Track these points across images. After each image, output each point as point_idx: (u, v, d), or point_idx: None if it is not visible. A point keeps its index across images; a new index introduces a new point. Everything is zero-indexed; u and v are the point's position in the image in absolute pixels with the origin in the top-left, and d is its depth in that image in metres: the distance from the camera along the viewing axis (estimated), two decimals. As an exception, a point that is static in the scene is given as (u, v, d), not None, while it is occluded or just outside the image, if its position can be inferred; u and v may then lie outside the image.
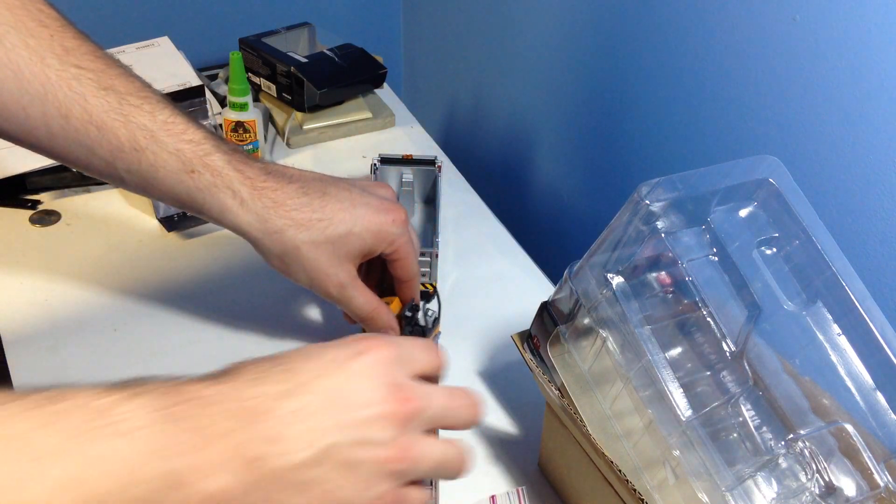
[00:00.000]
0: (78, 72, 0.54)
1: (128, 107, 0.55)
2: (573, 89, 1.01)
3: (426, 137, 1.04)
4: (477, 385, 0.70)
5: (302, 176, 0.60)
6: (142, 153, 0.56)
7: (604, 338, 0.51)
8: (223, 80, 1.04)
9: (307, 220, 0.58)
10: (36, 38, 0.53)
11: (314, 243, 0.59)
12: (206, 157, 0.57)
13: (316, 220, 0.58)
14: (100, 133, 0.55)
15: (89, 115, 0.54)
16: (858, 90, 0.65)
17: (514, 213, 1.11)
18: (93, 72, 0.55)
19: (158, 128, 0.56)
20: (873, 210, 0.66)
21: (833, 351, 0.49)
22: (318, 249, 0.59)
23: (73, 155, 0.56)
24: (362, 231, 0.60)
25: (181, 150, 0.56)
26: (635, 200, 0.49)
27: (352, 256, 0.61)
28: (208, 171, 0.57)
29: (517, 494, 0.60)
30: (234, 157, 0.58)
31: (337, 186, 0.61)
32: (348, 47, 1.03)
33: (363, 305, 0.62)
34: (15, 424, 0.32)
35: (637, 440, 0.50)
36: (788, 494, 0.47)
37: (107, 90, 0.55)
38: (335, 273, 0.60)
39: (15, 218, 0.85)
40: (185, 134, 0.56)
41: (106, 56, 0.56)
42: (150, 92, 0.57)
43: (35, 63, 0.53)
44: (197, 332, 0.73)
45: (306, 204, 0.58)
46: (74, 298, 0.76)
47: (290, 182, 0.59)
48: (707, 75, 0.79)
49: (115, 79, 0.55)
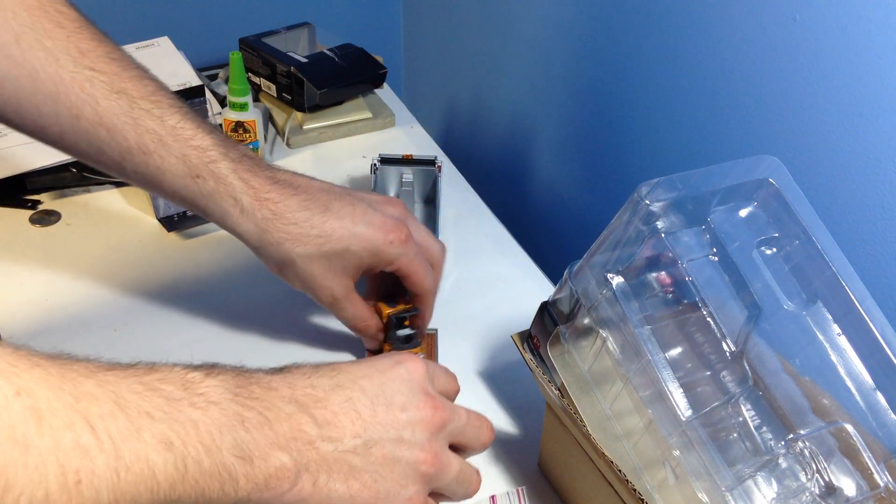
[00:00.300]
0: (91, 74, 0.55)
1: (138, 110, 0.56)
2: (573, 89, 1.01)
3: (426, 137, 1.04)
4: (477, 385, 0.70)
5: (309, 187, 0.61)
6: (149, 156, 0.57)
7: (604, 338, 0.51)
8: (223, 80, 1.04)
9: (304, 236, 0.59)
10: (52, 40, 0.54)
11: (309, 257, 0.60)
12: (211, 163, 0.58)
13: (314, 237, 0.59)
14: (109, 135, 0.56)
15: (100, 117, 0.55)
16: (858, 90, 0.65)
17: (514, 213, 1.12)
18: (106, 74, 0.56)
19: (167, 132, 0.57)
20: (873, 210, 0.66)
21: (833, 351, 0.49)
22: (313, 263, 0.60)
23: (84, 152, 0.58)
24: (359, 249, 0.60)
25: (187, 156, 0.57)
26: (635, 200, 0.49)
27: (348, 271, 0.62)
28: (213, 177, 0.58)
29: (517, 494, 0.60)
30: (240, 166, 0.58)
31: (342, 201, 0.61)
32: (348, 47, 1.03)
33: (352, 318, 0.65)
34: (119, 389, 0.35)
35: (637, 440, 0.50)
36: (788, 494, 0.47)
37: (118, 93, 0.56)
38: (328, 286, 0.62)
39: (15, 218, 0.85)
40: (192, 140, 0.57)
41: (122, 58, 0.57)
42: (163, 96, 0.58)
43: (50, 64, 0.54)
44: (197, 332, 0.73)
45: (306, 219, 0.59)
46: (74, 298, 0.76)
47: (294, 194, 0.60)
48: (707, 75, 0.79)
49: (127, 81, 0.56)
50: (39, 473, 0.31)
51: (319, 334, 0.74)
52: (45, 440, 0.32)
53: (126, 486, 0.34)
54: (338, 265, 0.61)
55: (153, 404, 0.36)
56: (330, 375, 0.45)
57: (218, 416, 0.38)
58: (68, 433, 0.33)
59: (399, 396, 0.46)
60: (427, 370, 0.48)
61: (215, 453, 0.37)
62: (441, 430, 0.47)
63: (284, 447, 0.40)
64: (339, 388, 0.44)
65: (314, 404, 0.43)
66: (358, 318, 0.65)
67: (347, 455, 0.43)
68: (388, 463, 0.44)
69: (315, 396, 0.43)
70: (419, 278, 0.64)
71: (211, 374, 0.40)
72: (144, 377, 0.37)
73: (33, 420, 0.32)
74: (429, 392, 0.47)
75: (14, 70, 0.53)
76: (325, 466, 0.42)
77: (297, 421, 0.41)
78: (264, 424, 0.40)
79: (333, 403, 0.43)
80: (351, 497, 0.43)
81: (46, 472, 0.32)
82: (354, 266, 0.62)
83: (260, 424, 0.40)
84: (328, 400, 0.43)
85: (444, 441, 0.47)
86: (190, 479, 0.36)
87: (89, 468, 0.33)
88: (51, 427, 0.32)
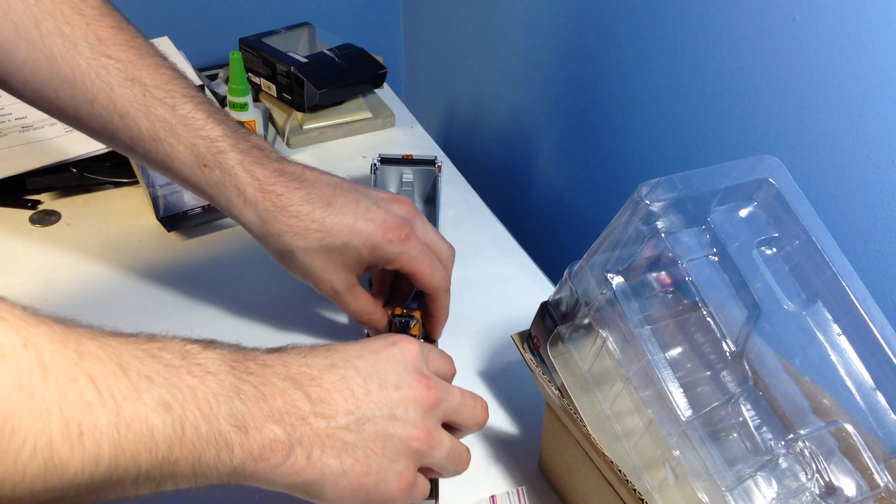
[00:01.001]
0: (107, 61, 0.57)
1: (151, 98, 0.58)
2: (573, 89, 1.01)
3: (426, 137, 1.04)
4: (477, 385, 0.70)
5: (316, 181, 0.62)
6: (160, 143, 0.58)
7: (604, 338, 0.51)
8: (223, 80, 1.04)
9: (304, 230, 0.60)
10: (71, 26, 0.56)
11: (309, 251, 0.60)
12: (219, 154, 0.59)
13: (314, 231, 0.60)
14: (122, 121, 0.58)
15: (113, 104, 0.57)
16: (858, 90, 0.65)
17: (514, 213, 1.12)
18: (122, 62, 0.57)
19: (178, 121, 0.58)
20: (873, 210, 0.66)
21: (833, 351, 0.49)
22: (314, 257, 0.61)
23: (99, 135, 0.60)
24: (358, 245, 0.61)
25: (196, 145, 0.58)
26: (635, 200, 0.49)
27: (349, 266, 0.62)
28: (219, 168, 0.59)
29: (517, 494, 0.60)
30: (248, 157, 0.59)
31: (346, 197, 0.61)
32: (348, 47, 1.03)
33: (355, 311, 0.65)
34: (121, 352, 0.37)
35: (637, 440, 0.50)
36: (788, 494, 0.47)
37: (133, 81, 0.57)
38: (329, 279, 0.62)
39: (15, 218, 0.85)
40: (202, 130, 0.59)
41: (141, 46, 0.59)
42: (178, 84, 0.59)
43: (68, 50, 0.56)
44: (197, 332, 0.72)
45: (307, 213, 0.60)
46: (74, 298, 0.76)
47: (299, 188, 0.60)
48: (707, 75, 0.79)
49: (143, 70, 0.58)
50: (44, 422, 0.32)
51: (321, 334, 0.74)
52: (50, 391, 0.33)
53: (126, 442, 0.35)
54: (338, 259, 0.61)
55: (153, 369, 0.37)
56: (324, 356, 0.46)
57: (215, 386, 0.39)
58: (72, 387, 0.33)
59: (392, 375, 0.47)
60: (421, 351, 0.49)
61: (212, 420, 0.39)
62: (434, 408, 0.48)
63: (278, 420, 0.41)
64: (333, 368, 0.45)
65: (308, 382, 0.44)
66: (362, 312, 0.65)
67: (340, 431, 0.44)
68: (380, 439, 0.45)
69: (309, 375, 0.44)
70: (424, 276, 0.63)
71: (209, 348, 0.42)
72: (144, 345, 0.39)
73: (39, 371, 0.33)
74: (422, 371, 0.48)
75: (33, 54, 0.55)
76: (319, 442, 0.43)
77: (291, 397, 0.43)
78: (259, 398, 0.41)
79: (327, 382, 0.44)
80: (343, 472, 0.43)
81: (50, 422, 0.32)
82: (355, 261, 0.62)
83: (255, 398, 0.41)
84: (322, 378, 0.44)
85: (436, 419, 0.48)
86: (187, 442, 0.37)
87: (91, 422, 0.34)
88: (56, 379, 0.33)
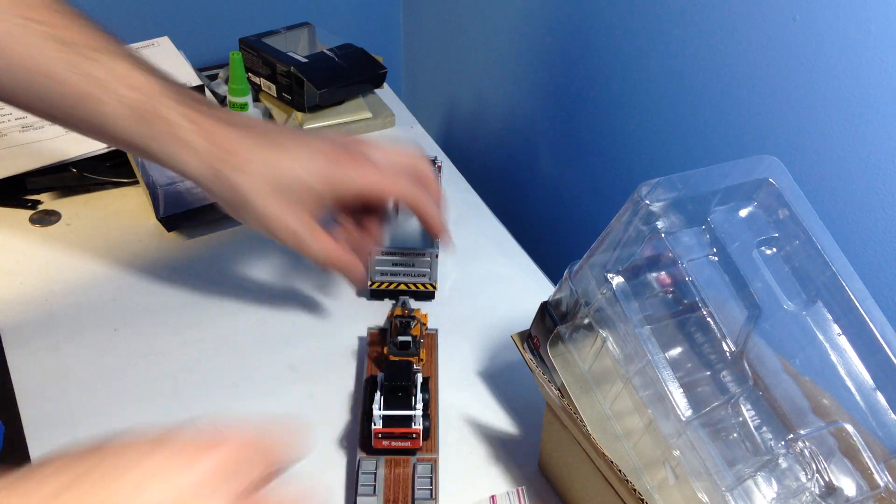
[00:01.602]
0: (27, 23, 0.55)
1: (79, 57, 0.56)
2: (573, 89, 1.01)
3: (426, 137, 1.04)
4: (477, 385, 0.70)
5: (263, 127, 0.60)
6: (92, 102, 0.56)
7: (604, 338, 0.51)
8: (223, 80, 1.04)
9: (256, 173, 0.58)
10: None
11: (263, 194, 0.58)
12: (160, 106, 0.57)
13: (268, 174, 0.58)
14: (47, 82, 0.56)
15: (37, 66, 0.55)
16: (858, 90, 0.65)
17: (514, 213, 1.11)
18: (44, 24, 0.56)
19: (113, 77, 0.56)
20: (873, 210, 0.66)
21: (833, 351, 0.49)
22: (269, 200, 0.58)
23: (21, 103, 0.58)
24: (313, 181, 0.59)
25: (134, 100, 0.57)
26: (635, 200, 0.49)
27: (307, 205, 0.60)
28: (157, 118, 0.57)
29: (517, 494, 0.60)
30: (191, 109, 0.58)
31: (296, 139, 0.60)
32: (348, 47, 1.03)
33: (319, 252, 0.61)
34: None
35: (637, 440, 0.50)
36: (788, 494, 0.47)
37: (59, 42, 0.56)
38: (286, 222, 0.59)
39: (15, 218, 0.85)
40: (136, 82, 0.57)
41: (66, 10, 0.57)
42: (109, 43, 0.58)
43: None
44: (197, 332, 0.73)
45: (258, 157, 0.58)
46: (74, 298, 0.76)
47: (248, 134, 0.58)
48: (707, 75, 0.79)
49: (68, 31, 0.56)
50: None
51: (321, 333, 0.74)
52: None
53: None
54: (292, 197, 0.59)
55: None
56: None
57: None
58: None
59: None
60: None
61: None
62: None
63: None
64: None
65: None
66: (326, 253, 0.62)
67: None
68: None
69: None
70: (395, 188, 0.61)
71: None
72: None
73: None
74: None
75: None
76: None
77: None
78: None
79: None
80: None
81: None
82: (313, 199, 0.60)
83: None
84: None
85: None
86: None
87: None
88: None
